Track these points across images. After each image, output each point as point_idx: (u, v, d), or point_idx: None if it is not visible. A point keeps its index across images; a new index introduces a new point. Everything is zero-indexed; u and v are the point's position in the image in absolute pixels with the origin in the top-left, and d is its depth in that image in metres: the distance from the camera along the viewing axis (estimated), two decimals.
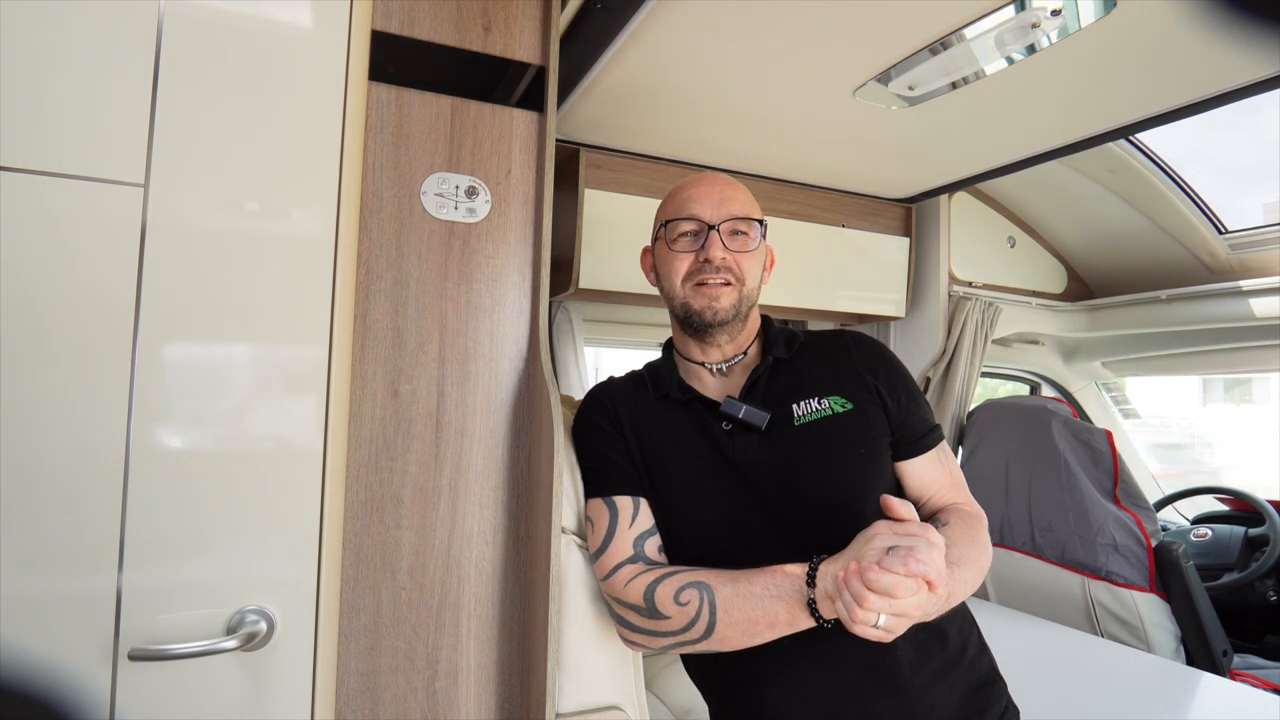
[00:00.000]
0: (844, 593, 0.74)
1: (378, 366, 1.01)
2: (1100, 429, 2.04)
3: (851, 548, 0.80)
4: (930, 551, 0.73)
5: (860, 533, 0.80)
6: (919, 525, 0.77)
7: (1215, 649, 1.82)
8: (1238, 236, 2.12)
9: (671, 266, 1.02)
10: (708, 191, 1.02)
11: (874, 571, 0.72)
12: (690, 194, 1.02)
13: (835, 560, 0.81)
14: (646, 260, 1.13)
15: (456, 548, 1.03)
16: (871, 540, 0.77)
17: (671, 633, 0.87)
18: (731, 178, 1.06)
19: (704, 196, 1.01)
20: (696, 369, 1.06)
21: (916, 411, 1.02)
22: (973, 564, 0.89)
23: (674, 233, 1.01)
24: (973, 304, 2.18)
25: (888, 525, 0.78)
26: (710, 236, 0.99)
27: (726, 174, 1.08)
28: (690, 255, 1.00)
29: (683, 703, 1.41)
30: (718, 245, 0.98)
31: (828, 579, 0.80)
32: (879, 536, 0.77)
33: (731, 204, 1.01)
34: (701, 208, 1.00)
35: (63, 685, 0.73)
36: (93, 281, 0.76)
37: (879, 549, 0.75)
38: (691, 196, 1.02)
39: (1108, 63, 1.19)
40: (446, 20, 1.06)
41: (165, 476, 0.79)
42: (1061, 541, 2.03)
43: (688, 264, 1.00)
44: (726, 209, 1.00)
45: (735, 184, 1.05)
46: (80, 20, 0.76)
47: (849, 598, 0.73)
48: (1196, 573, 1.86)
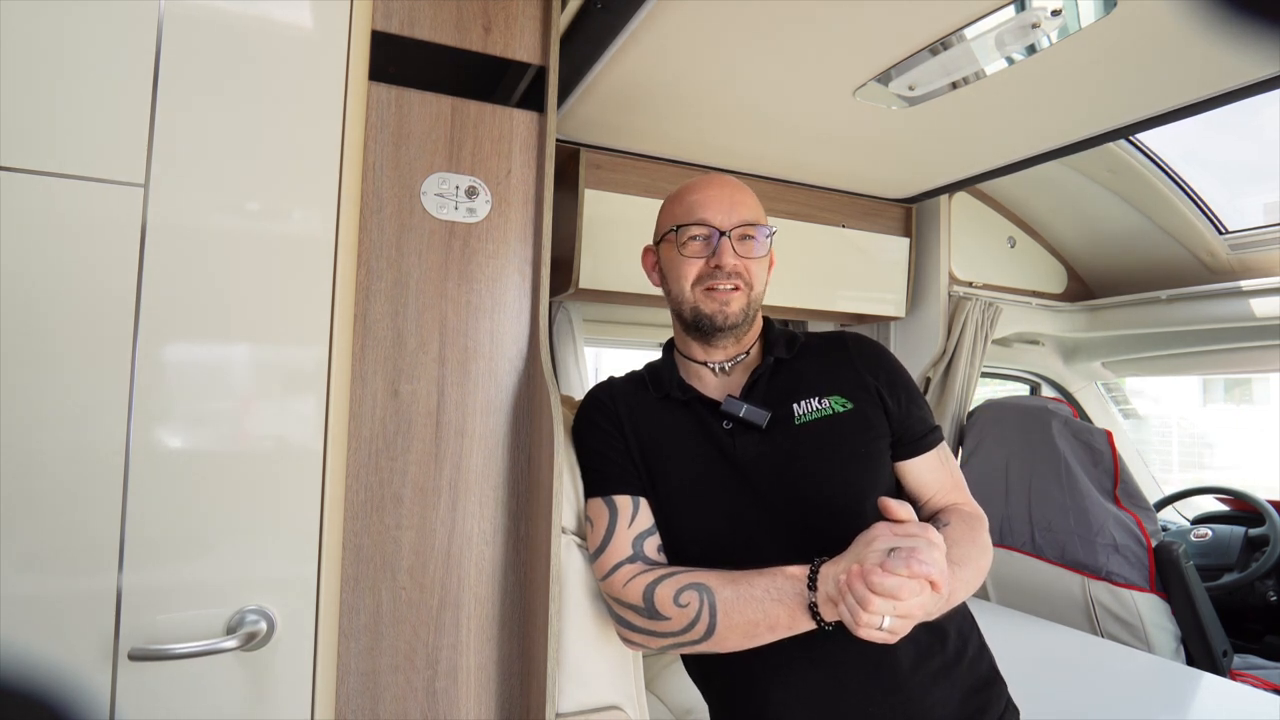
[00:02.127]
0: (847, 596, 0.74)
1: (378, 366, 1.01)
2: (1100, 429, 2.04)
3: (852, 550, 0.80)
4: (932, 551, 0.73)
5: (860, 535, 0.80)
6: (919, 525, 0.77)
7: (1215, 649, 1.82)
8: (1238, 236, 2.12)
9: (681, 270, 1.01)
10: (718, 195, 1.01)
11: (877, 574, 0.71)
12: (700, 197, 1.02)
13: (836, 562, 0.81)
14: (648, 259, 1.12)
15: (456, 548, 1.03)
16: (872, 542, 0.77)
17: (671, 634, 0.87)
18: (738, 180, 1.06)
19: (714, 201, 1.01)
20: (698, 368, 1.06)
21: (916, 412, 1.02)
22: (973, 564, 0.89)
23: (684, 236, 1.01)
24: (973, 304, 2.18)
25: (887, 526, 0.78)
26: (722, 242, 0.99)
27: (729, 175, 1.08)
28: (701, 260, 1.00)
29: (683, 703, 1.41)
30: (729, 252, 0.98)
31: (829, 582, 0.80)
32: (879, 538, 0.76)
33: (742, 209, 1.01)
34: (712, 212, 1.00)
35: (63, 685, 0.73)
36: (93, 281, 0.76)
37: (880, 551, 0.75)
38: (701, 200, 1.01)
39: (1108, 63, 1.19)
40: (447, 20, 1.06)
41: (165, 476, 0.79)
42: (1061, 542, 2.03)
43: (698, 269, 1.00)
44: (738, 214, 1.00)
45: (743, 187, 1.05)
46: (81, 20, 0.76)
47: (852, 601, 0.73)
48: (1196, 573, 1.86)
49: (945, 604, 0.78)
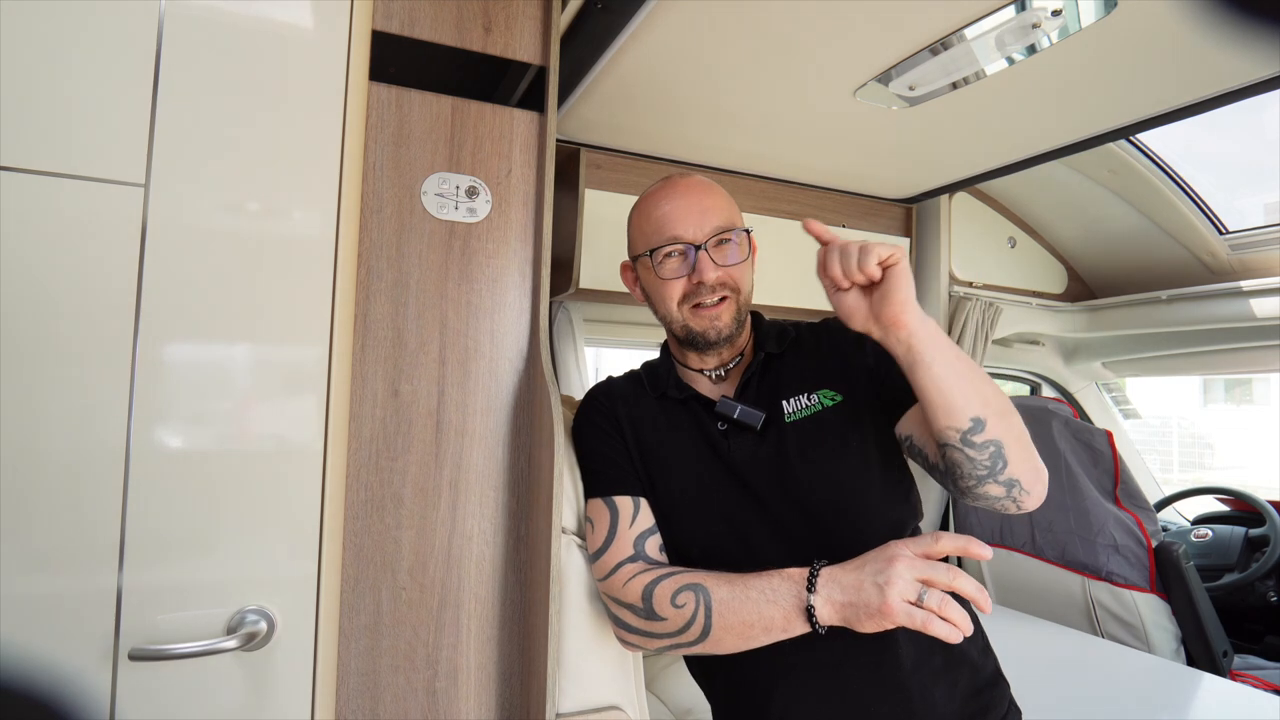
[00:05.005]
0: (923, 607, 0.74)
1: (378, 366, 1.01)
2: (1101, 429, 2.04)
3: (868, 564, 0.78)
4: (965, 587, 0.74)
5: (877, 551, 0.79)
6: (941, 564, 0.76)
7: (1215, 649, 1.81)
8: (1238, 237, 2.11)
9: (663, 292, 0.98)
10: (684, 205, 0.96)
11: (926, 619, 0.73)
12: (667, 210, 0.96)
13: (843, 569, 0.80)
14: (628, 276, 1.08)
15: (457, 548, 1.03)
16: (894, 563, 0.76)
17: (667, 634, 0.87)
18: (704, 179, 1.01)
19: (682, 212, 0.95)
20: (694, 373, 1.06)
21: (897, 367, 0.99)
22: (1015, 439, 0.84)
23: (659, 258, 0.96)
24: (973, 304, 2.17)
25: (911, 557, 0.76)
26: (699, 256, 0.94)
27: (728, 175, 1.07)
28: (682, 279, 0.96)
29: (683, 703, 1.41)
30: (710, 266, 0.93)
31: (833, 586, 0.79)
32: (900, 559, 0.76)
33: (712, 215, 0.96)
34: (683, 227, 0.95)
35: (63, 685, 0.73)
36: (93, 281, 0.76)
37: (909, 582, 0.74)
38: (669, 215, 0.96)
39: (1108, 63, 1.19)
40: (447, 20, 1.06)
41: (166, 476, 0.79)
42: (1062, 542, 2.03)
43: (681, 287, 0.96)
44: (709, 221, 0.95)
45: (710, 187, 1.00)
46: (81, 20, 0.76)
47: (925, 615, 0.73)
48: (1197, 573, 1.86)
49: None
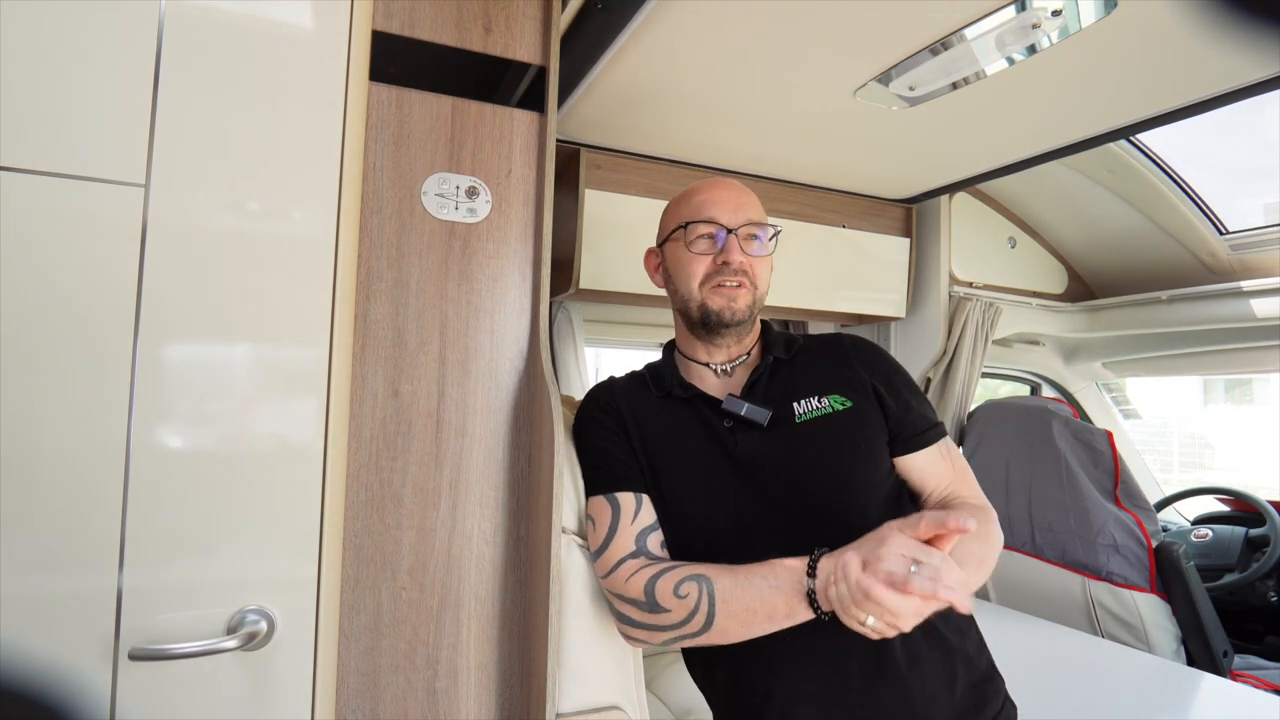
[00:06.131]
0: (840, 584, 0.75)
1: (378, 366, 1.01)
2: (1101, 429, 2.04)
3: (860, 545, 0.79)
4: (953, 574, 0.72)
5: (871, 533, 0.79)
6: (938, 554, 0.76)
7: (1216, 649, 1.81)
8: (1238, 237, 2.12)
9: (689, 269, 1.03)
10: (724, 196, 1.04)
11: (879, 590, 0.71)
12: (707, 198, 1.05)
13: (837, 555, 0.81)
14: (651, 260, 1.15)
15: (457, 547, 1.03)
16: (884, 542, 0.76)
17: (671, 626, 0.88)
18: (741, 184, 1.09)
19: (721, 201, 1.04)
20: (699, 369, 1.07)
21: (916, 408, 1.03)
22: (977, 560, 0.90)
23: (693, 234, 1.03)
24: (973, 304, 2.17)
25: (903, 537, 0.76)
26: (729, 240, 1.01)
27: (729, 175, 1.09)
28: (709, 257, 1.03)
29: (683, 703, 1.41)
30: (736, 249, 1.01)
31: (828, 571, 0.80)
32: (891, 541, 0.76)
33: (748, 209, 1.04)
34: (719, 211, 1.03)
35: (63, 685, 0.73)
36: (93, 281, 0.76)
37: (895, 555, 0.74)
38: (709, 200, 1.04)
39: (1108, 63, 1.19)
40: (447, 20, 1.06)
41: (165, 476, 0.78)
42: (1062, 542, 2.03)
43: (706, 266, 1.02)
44: (744, 214, 1.03)
45: (747, 190, 1.08)
46: (81, 20, 0.76)
47: (844, 590, 0.74)
48: (1197, 573, 1.86)
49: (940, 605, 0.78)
